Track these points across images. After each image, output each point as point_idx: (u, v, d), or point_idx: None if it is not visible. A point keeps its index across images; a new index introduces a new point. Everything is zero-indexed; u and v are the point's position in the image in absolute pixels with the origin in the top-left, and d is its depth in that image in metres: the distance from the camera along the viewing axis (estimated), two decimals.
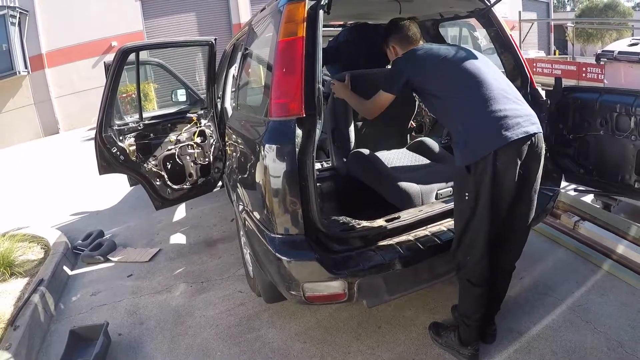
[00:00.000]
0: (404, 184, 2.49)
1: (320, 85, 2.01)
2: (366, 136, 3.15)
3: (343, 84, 2.72)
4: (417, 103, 3.24)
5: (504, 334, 2.48)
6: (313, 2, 2.05)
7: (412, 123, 3.44)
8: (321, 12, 2.06)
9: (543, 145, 2.04)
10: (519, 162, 1.96)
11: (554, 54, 22.66)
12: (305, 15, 2.01)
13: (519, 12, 14.34)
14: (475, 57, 2.18)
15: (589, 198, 3.78)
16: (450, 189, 2.62)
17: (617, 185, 2.94)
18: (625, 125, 2.85)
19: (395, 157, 2.95)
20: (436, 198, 2.56)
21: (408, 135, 3.40)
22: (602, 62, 3.73)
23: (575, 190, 3.64)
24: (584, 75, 8.67)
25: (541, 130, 2.02)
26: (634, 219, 3.37)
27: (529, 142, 1.96)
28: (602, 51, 3.82)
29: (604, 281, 2.92)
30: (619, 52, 3.62)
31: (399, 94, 2.30)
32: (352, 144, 3.03)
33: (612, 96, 2.94)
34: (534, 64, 10.15)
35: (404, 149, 3.14)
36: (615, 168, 2.92)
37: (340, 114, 2.95)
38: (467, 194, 2.01)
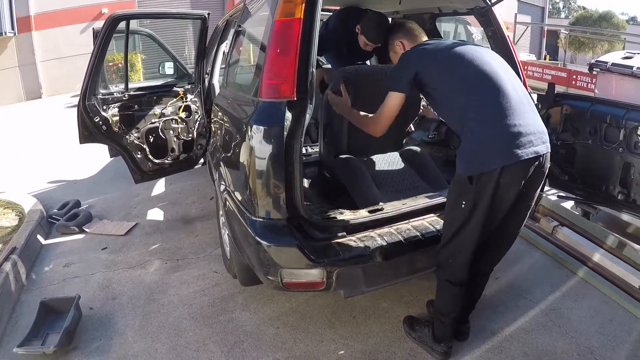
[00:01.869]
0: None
1: (314, 70, 1.97)
2: (360, 136, 3.05)
3: (341, 98, 2.58)
4: (421, 104, 3.09)
5: (477, 332, 2.49)
6: None
7: (412, 126, 3.39)
8: None
9: (548, 165, 1.99)
10: (524, 182, 1.92)
11: (545, 59, 22.85)
12: None
13: (515, 14, 14.43)
14: (492, 58, 2.09)
15: (568, 204, 3.82)
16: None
17: (600, 195, 2.98)
18: (614, 136, 2.87)
19: (384, 163, 2.90)
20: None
21: (404, 138, 3.34)
22: (594, 72, 3.75)
23: (558, 196, 3.66)
24: (574, 82, 8.75)
25: (549, 150, 1.96)
26: (611, 228, 3.41)
27: (536, 163, 1.90)
28: (596, 61, 3.84)
29: (578, 287, 2.95)
30: (612, 64, 3.64)
31: (409, 92, 2.13)
32: (345, 145, 2.91)
33: (604, 107, 2.96)
34: (525, 67, 10.20)
35: (397, 154, 3.03)
36: (600, 178, 2.95)
37: (335, 112, 2.86)
38: (464, 202, 1.95)
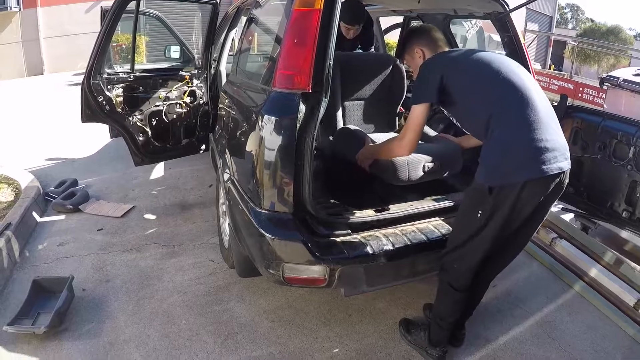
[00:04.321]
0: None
1: (331, 62, 1.93)
2: (354, 117, 3.08)
3: (367, 148, 2.51)
4: (406, 86, 3.12)
5: (472, 339, 2.48)
6: None
7: (401, 108, 3.39)
8: None
9: (567, 181, 1.95)
10: (543, 197, 1.89)
11: (550, 69, 22.90)
12: None
13: (525, 21, 14.42)
14: (519, 68, 2.04)
15: (568, 217, 3.81)
16: (437, 163, 2.53)
17: (604, 210, 2.96)
18: (623, 153, 2.86)
19: (383, 139, 2.89)
20: (423, 171, 2.46)
21: (397, 119, 3.34)
22: (605, 87, 3.74)
23: (562, 208, 3.66)
24: (580, 95, 8.75)
25: (570, 166, 1.92)
26: (609, 244, 3.40)
27: (557, 179, 1.87)
28: (607, 76, 3.83)
29: (573, 301, 2.94)
30: (624, 80, 3.63)
31: (437, 101, 2.05)
32: (340, 125, 2.96)
33: (615, 123, 2.94)
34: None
35: (392, 133, 3.07)
36: (605, 194, 2.93)
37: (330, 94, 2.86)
38: (480, 212, 1.91)
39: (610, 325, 2.73)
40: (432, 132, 2.90)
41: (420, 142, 2.19)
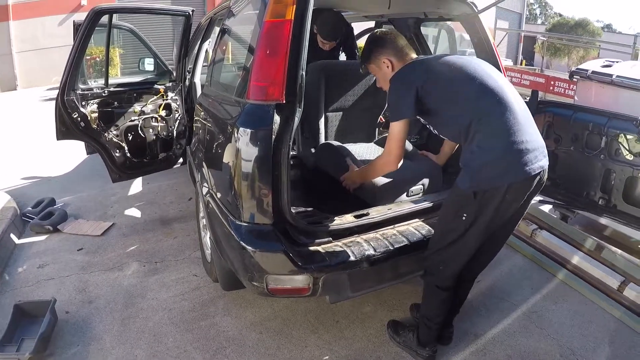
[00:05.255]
0: (375, 179, 2.45)
1: (303, 73, 1.93)
2: (335, 128, 3.11)
3: (353, 173, 2.53)
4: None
5: (461, 336, 2.51)
6: None
7: (382, 117, 3.42)
8: None
9: (546, 175, 1.98)
10: (526, 196, 1.92)
11: (521, 64, 23.29)
12: None
13: (495, 19, 14.67)
14: (493, 71, 2.04)
15: (546, 207, 3.88)
16: (421, 186, 2.62)
17: (582, 200, 3.02)
18: (595, 143, 2.92)
19: (364, 151, 2.92)
20: (407, 195, 2.55)
21: (377, 129, 3.38)
22: (575, 79, 3.81)
23: (539, 200, 3.72)
24: (551, 88, 8.91)
25: (548, 162, 1.95)
26: (589, 231, 3.47)
27: (539, 177, 1.90)
28: (577, 69, 3.90)
29: (558, 289, 3.01)
30: (593, 72, 3.70)
31: (414, 116, 2.06)
32: (322, 136, 2.97)
33: (586, 115, 3.00)
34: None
35: (372, 144, 3.12)
36: (581, 184, 3.00)
37: (311, 105, 2.88)
38: (464, 215, 1.92)
39: (595, 309, 2.80)
40: (409, 146, 2.93)
41: None
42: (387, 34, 2.25)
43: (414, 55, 2.20)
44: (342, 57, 4.07)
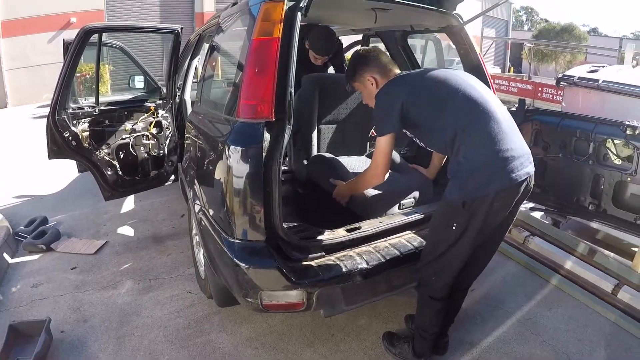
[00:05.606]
0: (367, 192, 2.47)
1: (292, 90, 1.95)
2: (328, 141, 3.13)
3: (342, 186, 2.56)
4: None
5: (456, 345, 2.51)
6: (292, 3, 1.97)
7: (373, 131, 3.45)
8: (299, 13, 1.98)
9: (533, 182, 2.01)
10: (514, 202, 1.95)
11: (509, 71, 23.48)
12: (283, 16, 1.94)
13: (482, 28, 14.84)
14: (475, 82, 2.08)
15: (538, 214, 3.91)
16: (412, 199, 2.64)
17: (572, 205, 3.05)
18: (583, 149, 2.95)
19: (356, 164, 2.94)
20: (399, 208, 2.57)
21: (368, 143, 3.41)
22: (561, 85, 3.86)
23: (530, 208, 3.75)
24: (539, 95, 9.01)
25: (534, 168, 1.98)
26: (581, 236, 3.51)
27: (525, 183, 1.92)
28: (563, 75, 3.95)
29: (552, 295, 3.03)
30: (579, 78, 3.74)
31: (400, 130, 2.10)
32: (315, 149, 3.00)
33: (573, 121, 3.03)
34: (492, 80, 10.46)
35: (364, 157, 3.14)
36: (571, 189, 3.03)
37: (305, 118, 2.91)
38: (455, 225, 1.94)
39: (590, 314, 2.82)
40: (398, 158, 2.97)
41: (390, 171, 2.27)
42: (370, 52, 2.29)
43: (397, 71, 2.24)
44: (331, 70, 4.10)
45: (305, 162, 2.99)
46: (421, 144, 2.20)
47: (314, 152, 3.05)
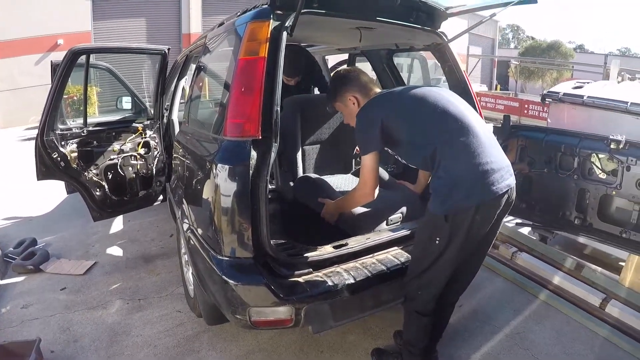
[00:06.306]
0: (355, 209, 2.50)
1: (278, 108, 1.99)
2: (313, 160, 3.17)
3: (330, 205, 2.58)
4: None
5: None
6: (277, 23, 2.02)
7: (358, 149, 3.49)
8: (284, 33, 2.03)
9: (515, 195, 2.04)
10: (496, 215, 1.98)
11: (496, 89, 23.73)
12: (269, 36, 1.98)
13: (468, 46, 15.08)
14: (454, 97, 2.12)
15: (526, 230, 3.94)
16: (400, 215, 2.67)
17: (558, 220, 3.08)
18: (568, 164, 3.00)
19: (342, 182, 2.97)
20: (387, 224, 2.59)
21: (353, 160, 3.44)
22: (547, 102, 3.92)
23: (516, 223, 3.78)
24: (525, 112, 9.14)
25: (515, 180, 2.02)
26: (568, 251, 3.54)
27: (506, 196, 1.95)
28: (548, 92, 4.01)
29: (540, 310, 3.05)
30: (564, 94, 3.79)
31: (382, 148, 2.14)
32: (300, 169, 3.02)
33: (558, 136, 3.08)
34: (478, 98, 10.58)
35: (349, 175, 3.18)
36: (557, 204, 3.06)
37: (289, 138, 2.94)
38: (438, 239, 1.96)
39: (578, 328, 2.84)
40: (385, 175, 3.00)
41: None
42: (351, 72, 2.35)
43: (377, 90, 2.29)
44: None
45: (291, 183, 3.02)
46: (403, 161, 2.23)
47: (300, 173, 3.08)
